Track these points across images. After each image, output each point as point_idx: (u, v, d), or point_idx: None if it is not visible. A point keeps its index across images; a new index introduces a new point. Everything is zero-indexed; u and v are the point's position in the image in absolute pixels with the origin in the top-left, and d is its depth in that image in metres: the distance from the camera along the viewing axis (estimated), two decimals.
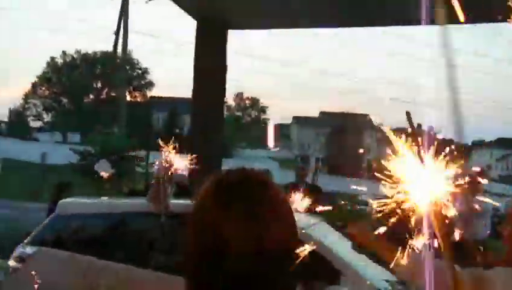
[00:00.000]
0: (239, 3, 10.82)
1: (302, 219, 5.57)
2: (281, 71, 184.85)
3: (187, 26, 12.76)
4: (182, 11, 11.20)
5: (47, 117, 79.36)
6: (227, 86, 11.73)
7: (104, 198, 5.99)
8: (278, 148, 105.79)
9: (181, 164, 8.57)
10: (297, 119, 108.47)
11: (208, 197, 1.32)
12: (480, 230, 9.39)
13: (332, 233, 5.81)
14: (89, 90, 76.38)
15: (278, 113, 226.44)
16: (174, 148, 4.96)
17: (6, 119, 78.81)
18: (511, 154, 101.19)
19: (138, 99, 77.21)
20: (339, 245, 4.95)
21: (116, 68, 39.51)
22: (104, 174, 8.70)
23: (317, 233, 5.15)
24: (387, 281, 4.46)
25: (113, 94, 47.64)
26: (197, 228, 1.31)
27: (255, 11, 11.10)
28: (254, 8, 10.88)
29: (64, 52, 76.30)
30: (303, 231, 4.90)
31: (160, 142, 4.96)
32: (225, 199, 1.29)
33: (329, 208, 4.54)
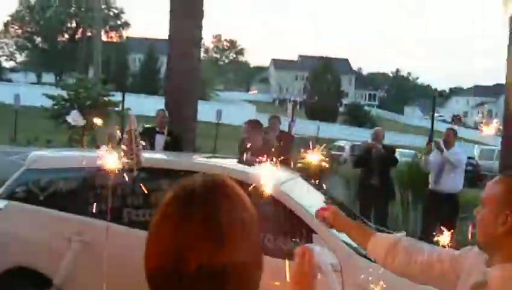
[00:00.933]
0: None
1: (276, 174, 5.54)
2: (260, 15, 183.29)
3: None
4: None
5: (20, 57, 78.08)
6: (205, 28, 11.56)
7: (75, 151, 5.87)
8: (256, 91, 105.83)
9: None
10: (275, 62, 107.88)
11: (170, 205, 1.26)
12: (454, 183, 9.49)
13: (307, 189, 5.77)
14: (63, 29, 75.06)
15: (256, 56, 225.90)
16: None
17: None
18: (487, 102, 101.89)
19: (114, 40, 76.15)
20: (313, 202, 4.91)
21: (91, 7, 38.61)
22: (76, 124, 8.56)
23: (290, 189, 5.10)
24: None
25: (89, 34, 46.66)
26: (157, 235, 1.25)
27: None
28: None
29: None
30: (277, 188, 4.86)
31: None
32: (186, 208, 1.23)
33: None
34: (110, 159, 4.53)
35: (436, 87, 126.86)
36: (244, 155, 6.55)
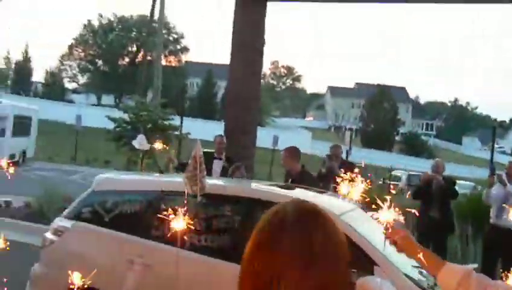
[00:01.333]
0: None
1: (336, 205, 5.54)
2: (317, 41, 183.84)
3: None
4: None
5: (82, 79, 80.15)
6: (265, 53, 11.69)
7: (140, 174, 5.99)
8: (312, 118, 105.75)
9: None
10: (332, 89, 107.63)
11: (263, 232, 1.30)
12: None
13: (366, 219, 5.74)
14: (124, 53, 76.86)
15: (312, 83, 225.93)
16: None
17: (43, 81, 79.82)
18: None
19: (173, 64, 77.41)
20: (373, 232, 4.89)
21: (152, 32, 39.46)
22: (142, 148, 8.73)
23: (352, 220, 5.10)
24: (417, 267, 4.42)
25: (149, 58, 47.60)
26: (251, 262, 1.29)
27: None
28: None
29: (100, 15, 76.77)
30: (338, 218, 4.87)
31: None
32: (279, 235, 1.26)
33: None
34: (175, 184, 4.62)
35: (496, 117, 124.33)
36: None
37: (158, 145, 8.18)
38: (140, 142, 8.23)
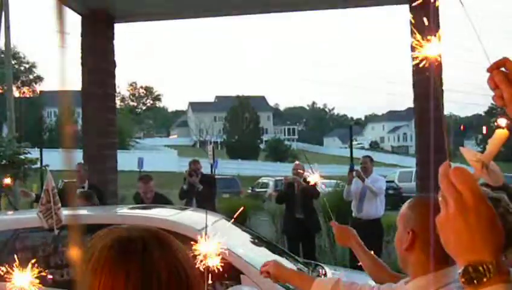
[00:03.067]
0: None
1: (198, 219, 5.56)
2: (172, 59, 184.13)
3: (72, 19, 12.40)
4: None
5: None
6: (120, 76, 11.58)
7: None
8: (176, 136, 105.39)
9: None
10: (192, 105, 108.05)
11: (101, 258, 1.26)
12: (376, 209, 9.75)
13: (231, 230, 5.81)
14: None
15: (173, 100, 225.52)
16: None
17: None
18: (401, 126, 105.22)
19: (27, 95, 74.47)
20: (238, 242, 4.96)
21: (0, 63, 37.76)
22: None
23: (214, 233, 5.12)
24: None
25: (0, 91, 45.50)
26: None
27: (139, 2, 10.99)
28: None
29: None
30: (200, 233, 4.88)
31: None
32: (123, 260, 1.24)
33: None
34: (28, 220, 4.44)
35: (352, 116, 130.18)
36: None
37: (6, 181, 7.84)
38: None
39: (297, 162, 11.49)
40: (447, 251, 1.05)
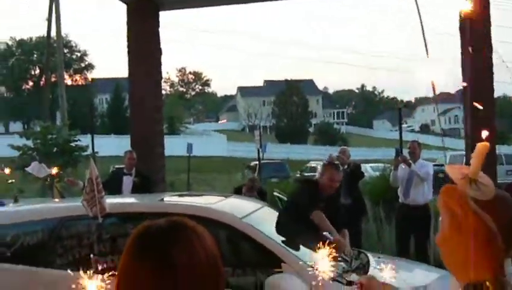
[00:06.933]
0: None
1: (241, 206, 5.57)
2: (222, 43, 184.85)
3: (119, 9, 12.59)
4: None
5: None
6: (169, 62, 11.66)
7: (38, 203, 5.81)
8: (225, 121, 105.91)
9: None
10: (241, 90, 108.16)
11: (126, 251, 1.32)
12: (423, 195, 9.57)
13: (274, 217, 5.80)
14: (27, 77, 74.61)
15: (222, 85, 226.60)
16: None
17: None
18: (453, 108, 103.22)
19: (80, 83, 75.76)
20: None
21: (53, 52, 38.45)
22: (38, 176, 8.49)
23: (256, 220, 5.12)
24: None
25: (53, 79, 46.38)
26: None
27: None
28: None
29: None
30: (240, 220, 4.89)
31: None
32: (140, 250, 1.29)
33: None
34: (75, 209, 4.52)
35: (402, 98, 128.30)
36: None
37: (54, 170, 8.00)
38: (33, 169, 8.01)
39: (342, 146, 11.39)
40: (448, 269, 1.06)
